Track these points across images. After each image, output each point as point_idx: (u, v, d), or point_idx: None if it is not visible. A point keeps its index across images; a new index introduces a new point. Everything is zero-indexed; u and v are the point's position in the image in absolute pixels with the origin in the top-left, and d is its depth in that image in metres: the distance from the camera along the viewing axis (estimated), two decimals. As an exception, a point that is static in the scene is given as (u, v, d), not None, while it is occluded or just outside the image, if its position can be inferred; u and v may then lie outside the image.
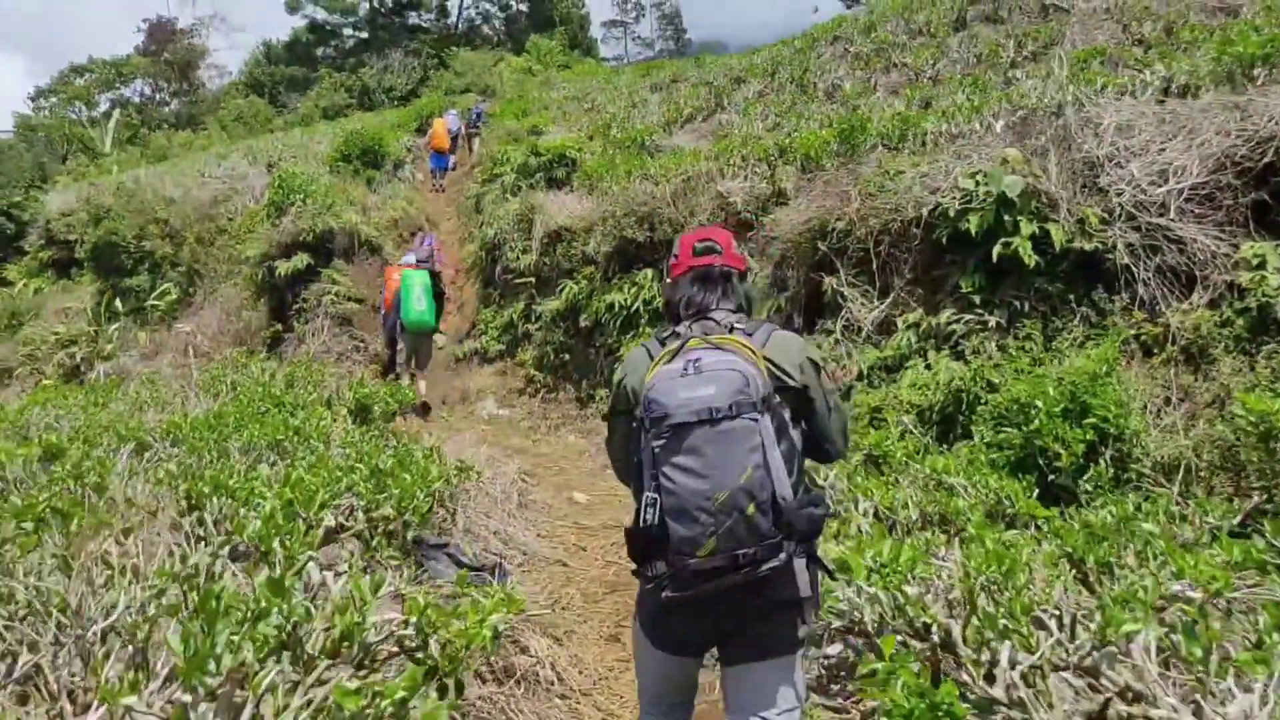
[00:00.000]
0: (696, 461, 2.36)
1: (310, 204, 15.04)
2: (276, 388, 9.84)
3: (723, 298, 2.73)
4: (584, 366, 11.17)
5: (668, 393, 2.40)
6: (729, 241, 2.85)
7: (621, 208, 10.79)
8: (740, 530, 2.35)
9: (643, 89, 21.24)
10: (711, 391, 2.38)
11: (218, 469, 4.89)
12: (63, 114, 48.69)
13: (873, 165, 8.50)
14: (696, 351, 2.48)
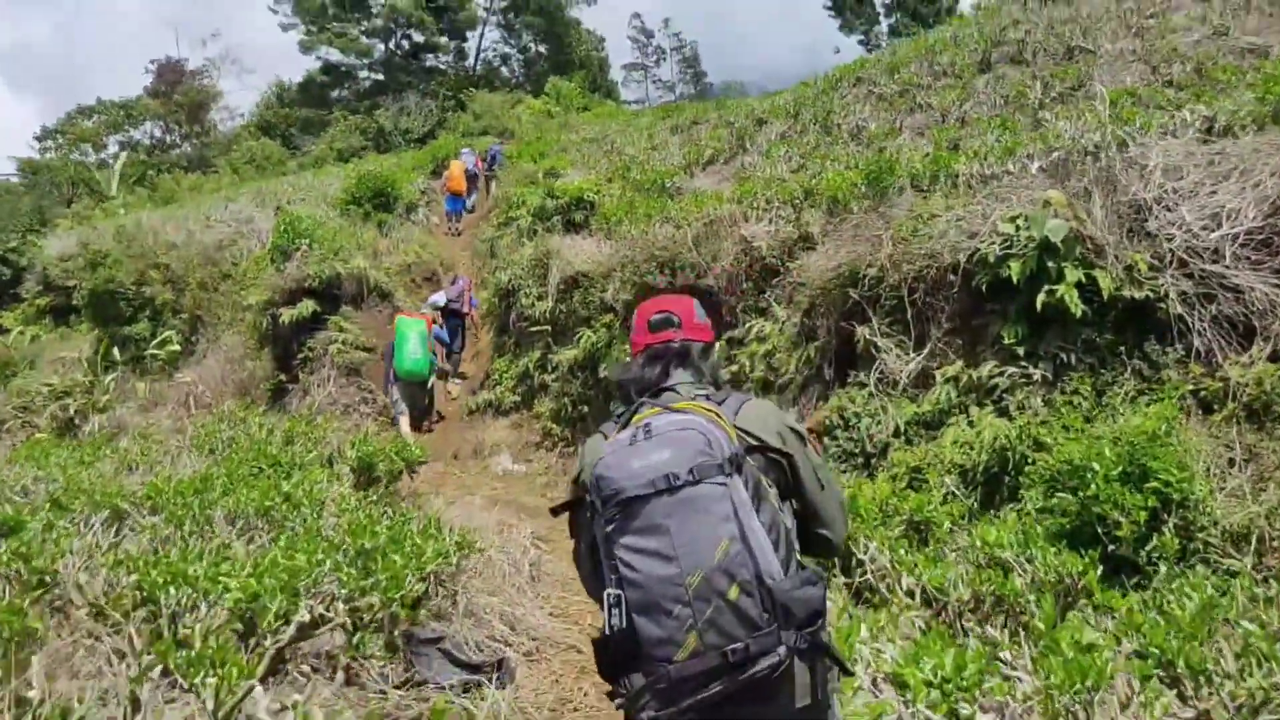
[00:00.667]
0: (658, 541, 2.08)
1: (316, 248, 15.00)
2: (274, 445, 9.71)
3: (681, 370, 2.52)
4: (603, 419, 10.92)
5: (617, 465, 2.16)
6: (690, 311, 2.64)
7: (641, 252, 10.67)
8: (725, 619, 2.03)
9: (663, 131, 21.25)
10: (666, 456, 2.13)
11: (182, 551, 4.66)
12: (69, 156, 49.25)
13: (904, 208, 8.34)
14: (648, 418, 2.25)
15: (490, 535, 7.01)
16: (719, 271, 10.01)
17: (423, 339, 11.84)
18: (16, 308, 25.89)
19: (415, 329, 11.81)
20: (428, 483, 10.38)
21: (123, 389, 18.29)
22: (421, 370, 11.69)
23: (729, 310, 10.00)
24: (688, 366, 2.52)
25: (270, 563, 4.44)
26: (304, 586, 4.31)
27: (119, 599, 4.24)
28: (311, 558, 4.50)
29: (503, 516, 8.00)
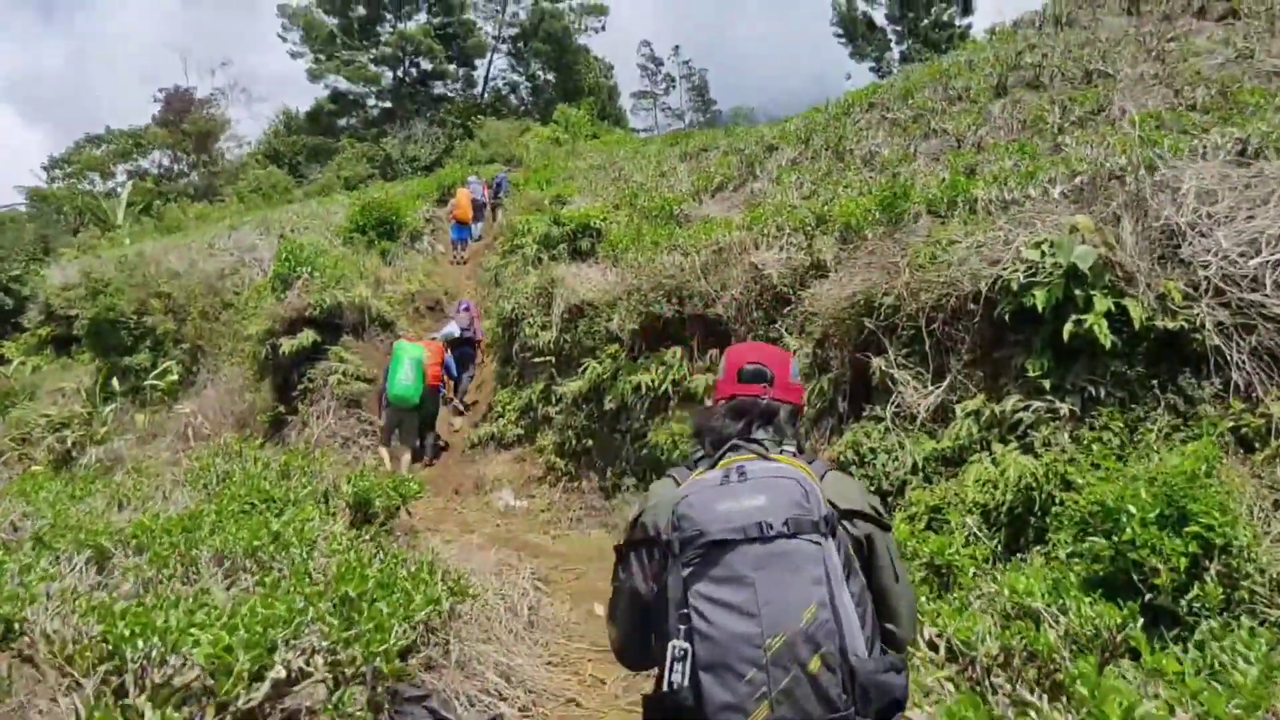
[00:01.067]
0: (740, 594, 1.89)
1: (318, 277, 14.79)
2: (268, 480, 9.43)
3: (764, 430, 2.32)
4: (608, 453, 10.70)
5: (702, 506, 1.98)
6: (786, 368, 2.46)
7: (648, 281, 10.41)
8: (802, 692, 1.83)
9: (671, 158, 21.06)
10: (761, 502, 1.96)
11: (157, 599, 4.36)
12: (76, 185, 49.39)
13: (921, 235, 8.06)
14: (741, 461, 2.10)
15: (488, 577, 6.73)
16: (728, 300, 9.74)
17: (418, 365, 11.59)
18: (19, 337, 25.72)
19: (411, 354, 11.59)
20: (427, 519, 10.11)
21: (121, 420, 18.11)
22: (411, 397, 11.46)
23: (738, 340, 9.72)
24: (773, 427, 2.34)
25: (249, 611, 4.15)
26: (283, 638, 4.01)
27: (84, 650, 3.95)
28: (292, 606, 4.21)
29: (502, 556, 7.72)
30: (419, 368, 11.56)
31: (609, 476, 10.55)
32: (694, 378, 9.81)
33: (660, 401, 10.04)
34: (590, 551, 8.89)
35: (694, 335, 10.06)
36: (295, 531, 6.80)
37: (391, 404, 11.64)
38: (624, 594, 2.27)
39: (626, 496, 10.13)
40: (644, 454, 10.01)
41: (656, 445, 9.74)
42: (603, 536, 9.45)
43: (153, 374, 18.81)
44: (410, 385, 11.43)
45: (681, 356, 10.00)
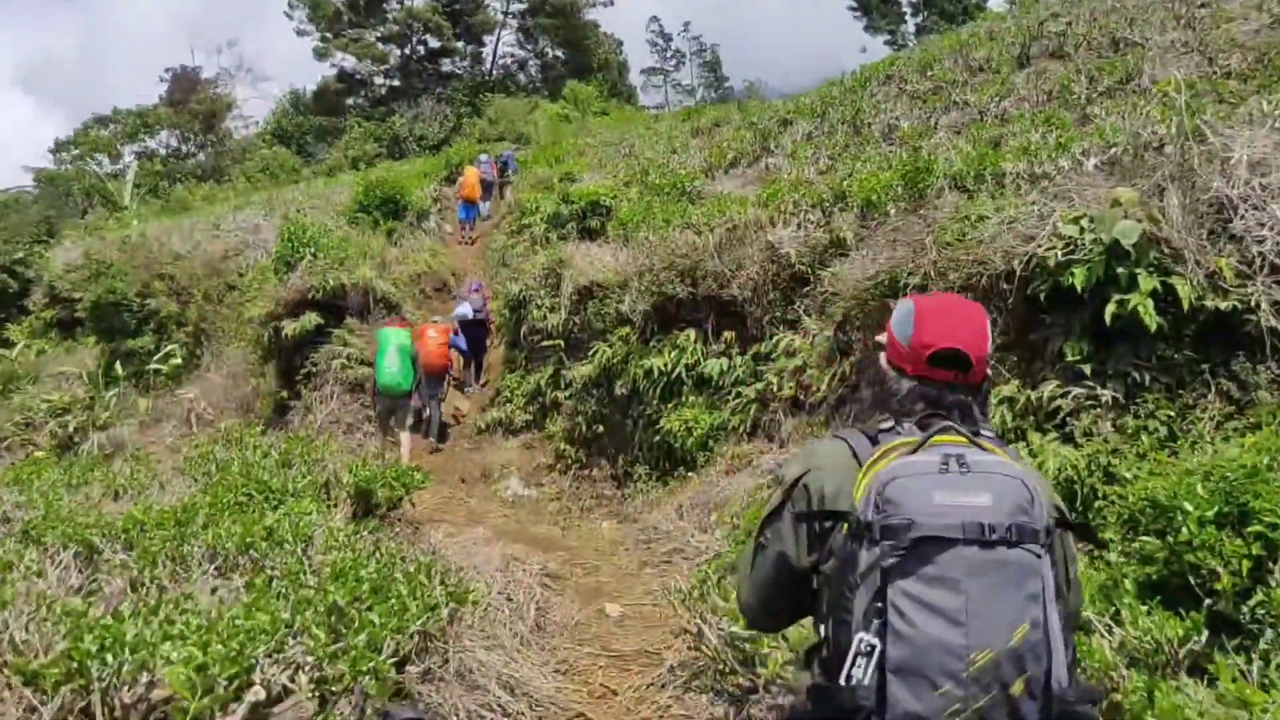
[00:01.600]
0: (951, 598, 1.68)
1: (321, 258, 14.45)
2: (267, 469, 9.13)
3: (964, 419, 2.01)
4: (620, 440, 10.34)
5: (916, 492, 1.73)
6: (985, 343, 2.05)
7: (660, 260, 10.02)
8: (997, 716, 1.66)
9: (683, 134, 20.63)
10: (985, 501, 1.72)
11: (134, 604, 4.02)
12: (84, 167, 49.07)
13: (948, 210, 7.65)
14: (955, 446, 1.82)
15: (493, 575, 6.39)
16: (744, 280, 9.36)
17: (403, 351, 11.21)
18: (23, 320, 25.47)
19: (395, 340, 11.22)
20: (431, 509, 9.79)
21: (124, 405, 17.83)
22: (400, 384, 11.12)
23: (755, 322, 9.35)
24: (976, 417, 2.04)
25: (228, 624, 3.82)
26: (264, 652, 3.68)
27: (50, 665, 3.62)
28: (276, 616, 3.87)
29: (509, 550, 7.37)
30: (404, 354, 11.21)
31: (620, 464, 10.21)
32: (708, 361, 9.44)
33: (673, 386, 9.68)
34: (601, 544, 8.55)
35: (708, 317, 9.68)
36: (291, 526, 6.49)
37: (381, 393, 11.28)
38: (769, 558, 2.07)
39: (639, 485, 9.79)
40: (656, 441, 9.66)
41: (670, 432, 9.39)
42: (614, 528, 9.11)
43: (155, 358, 18.53)
44: (397, 372, 11.07)
45: (695, 339, 9.62)
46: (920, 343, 2.02)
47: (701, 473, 9.03)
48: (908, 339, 2.05)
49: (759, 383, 8.92)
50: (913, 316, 2.07)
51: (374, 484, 8.57)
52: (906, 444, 1.86)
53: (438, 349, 12.20)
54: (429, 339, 12.23)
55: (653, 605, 6.57)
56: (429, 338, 12.25)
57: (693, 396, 9.53)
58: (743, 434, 8.92)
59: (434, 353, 12.13)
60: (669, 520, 8.42)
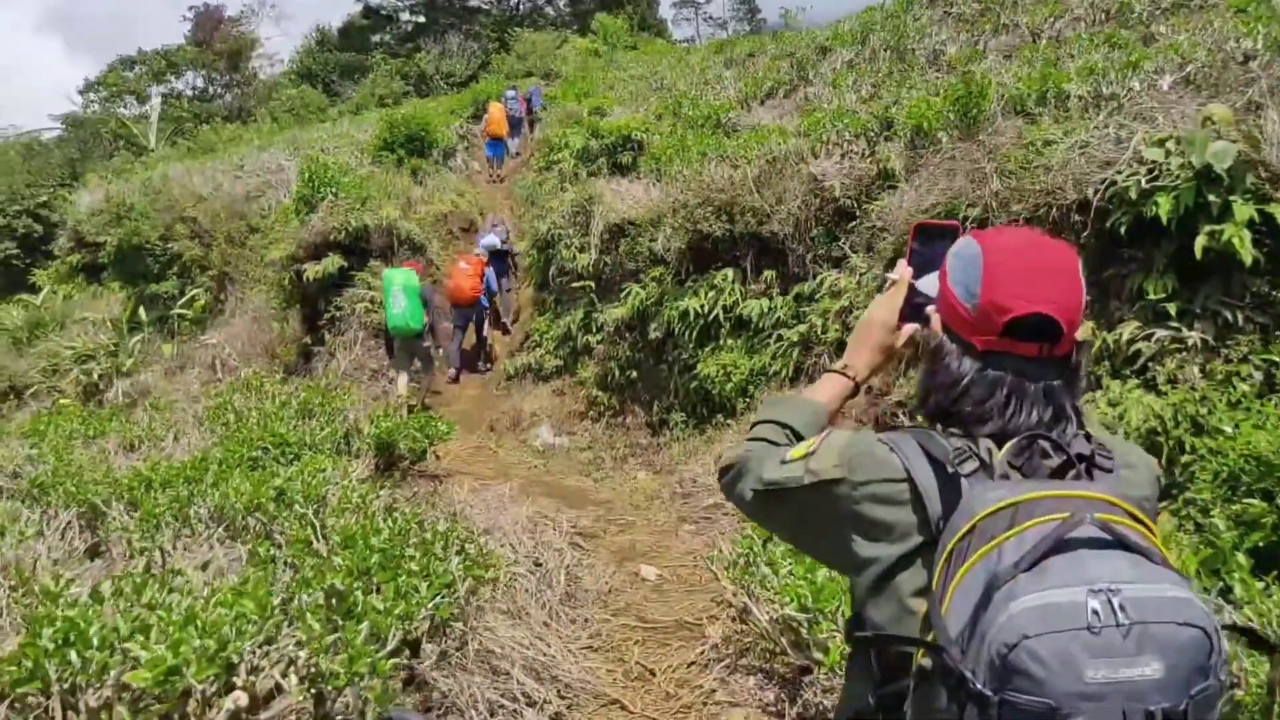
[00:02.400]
0: None
1: (343, 198, 13.97)
2: (285, 419, 8.77)
3: (1063, 407, 1.46)
4: (655, 386, 9.86)
5: (1062, 660, 1.13)
6: (1079, 294, 1.47)
7: (695, 196, 9.43)
8: None
9: (716, 65, 19.84)
10: (1156, 672, 1.13)
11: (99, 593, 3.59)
12: (111, 109, 48.73)
13: (1010, 136, 7.03)
14: (1100, 564, 1.20)
15: (519, 537, 5.97)
16: (784, 215, 8.78)
17: (410, 291, 10.83)
18: (49, 265, 25.27)
19: (399, 280, 10.84)
20: (459, 460, 9.43)
21: (149, 351, 17.59)
22: (410, 325, 10.78)
23: (797, 261, 8.80)
24: (1069, 406, 1.47)
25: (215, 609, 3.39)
26: (251, 647, 3.25)
27: (7, 663, 3.21)
28: (267, 601, 3.43)
29: (537, 508, 6.94)
30: (411, 294, 10.81)
31: (655, 411, 9.73)
32: (747, 302, 8.92)
33: (710, 329, 9.16)
34: (636, 498, 8.12)
35: (746, 255, 9.12)
36: (302, 486, 6.11)
37: (392, 335, 11.11)
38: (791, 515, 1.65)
39: (675, 433, 9.33)
40: (693, 387, 9.17)
41: (707, 377, 8.90)
42: (649, 479, 8.67)
43: (179, 303, 18.22)
44: (405, 313, 10.76)
45: (733, 279, 9.08)
46: (993, 303, 1.42)
47: (741, 420, 8.55)
48: (974, 297, 1.45)
49: (802, 325, 8.40)
50: (980, 264, 1.47)
51: (396, 436, 8.19)
52: (1010, 506, 1.27)
53: (469, 280, 12.13)
54: (460, 270, 12.28)
55: (692, 567, 6.14)
56: (460, 269, 12.32)
57: (731, 340, 9.02)
58: (785, 379, 8.42)
59: (464, 284, 12.11)
60: (708, 471, 7.96)
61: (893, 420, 6.71)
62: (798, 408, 1.83)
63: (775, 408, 1.86)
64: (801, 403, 1.84)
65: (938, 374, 1.51)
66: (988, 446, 1.41)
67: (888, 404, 6.82)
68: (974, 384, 1.45)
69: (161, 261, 19.43)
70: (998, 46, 12.17)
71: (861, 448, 1.51)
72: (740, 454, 1.74)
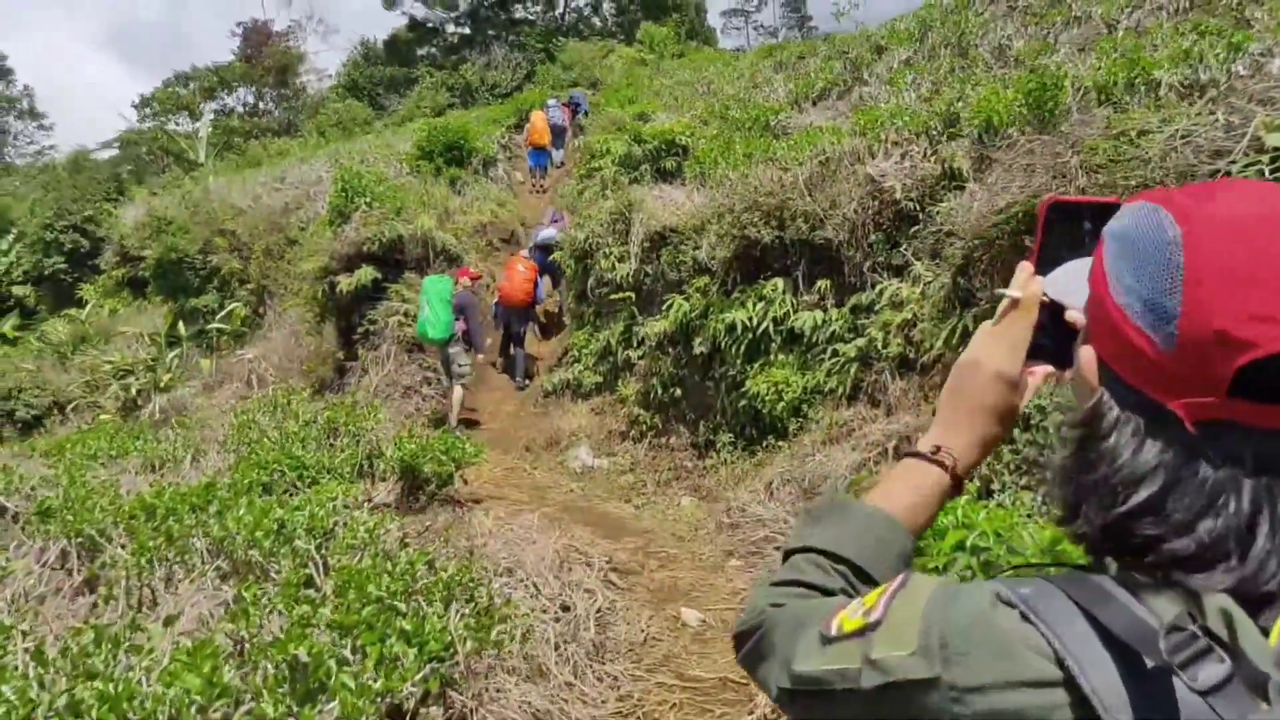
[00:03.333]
0: None
1: (377, 208, 13.47)
2: (309, 439, 8.26)
3: None
4: (700, 404, 9.20)
5: None
6: None
7: (742, 200, 8.77)
8: None
9: (766, 69, 19.18)
10: None
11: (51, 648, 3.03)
12: (163, 125, 49.20)
13: (1097, 127, 6.28)
14: None
15: (546, 576, 5.32)
16: (839, 220, 8.09)
17: (443, 301, 10.77)
18: (95, 279, 25.17)
19: (433, 289, 10.82)
20: (492, 482, 8.83)
21: (187, 366, 17.28)
22: (439, 335, 10.74)
23: (853, 269, 8.10)
24: None
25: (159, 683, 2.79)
26: None
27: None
28: (215, 678, 2.81)
29: (571, 538, 6.30)
30: (441, 303, 10.74)
31: (701, 431, 9.07)
32: (799, 314, 8.23)
33: (759, 343, 8.49)
34: (679, 527, 7.46)
35: (798, 264, 8.44)
36: (308, 517, 5.55)
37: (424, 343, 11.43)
38: None
39: (722, 455, 8.66)
40: (741, 405, 8.50)
41: (756, 395, 8.22)
42: (694, 506, 8.01)
43: (218, 317, 17.89)
44: (425, 320, 10.76)
45: (784, 289, 8.41)
46: (1211, 333, 0.75)
47: (793, 442, 7.87)
48: (1167, 322, 0.79)
49: (859, 339, 7.70)
50: (1180, 257, 0.79)
51: (420, 459, 7.60)
52: None
53: (521, 284, 12.10)
54: (516, 272, 12.21)
55: (737, 608, 5.46)
56: (516, 271, 12.24)
57: (782, 355, 8.34)
58: (841, 398, 7.73)
59: (517, 286, 12.08)
60: (757, 499, 7.30)
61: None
62: (855, 524, 1.10)
63: (818, 524, 1.13)
64: (863, 515, 1.11)
65: (1098, 464, 0.84)
66: (1224, 612, 0.74)
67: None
68: (1176, 488, 0.79)
69: (201, 275, 19.17)
70: (1070, 40, 11.40)
71: (968, 615, 0.82)
72: (758, 613, 1.05)
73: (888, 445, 6.71)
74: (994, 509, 4.52)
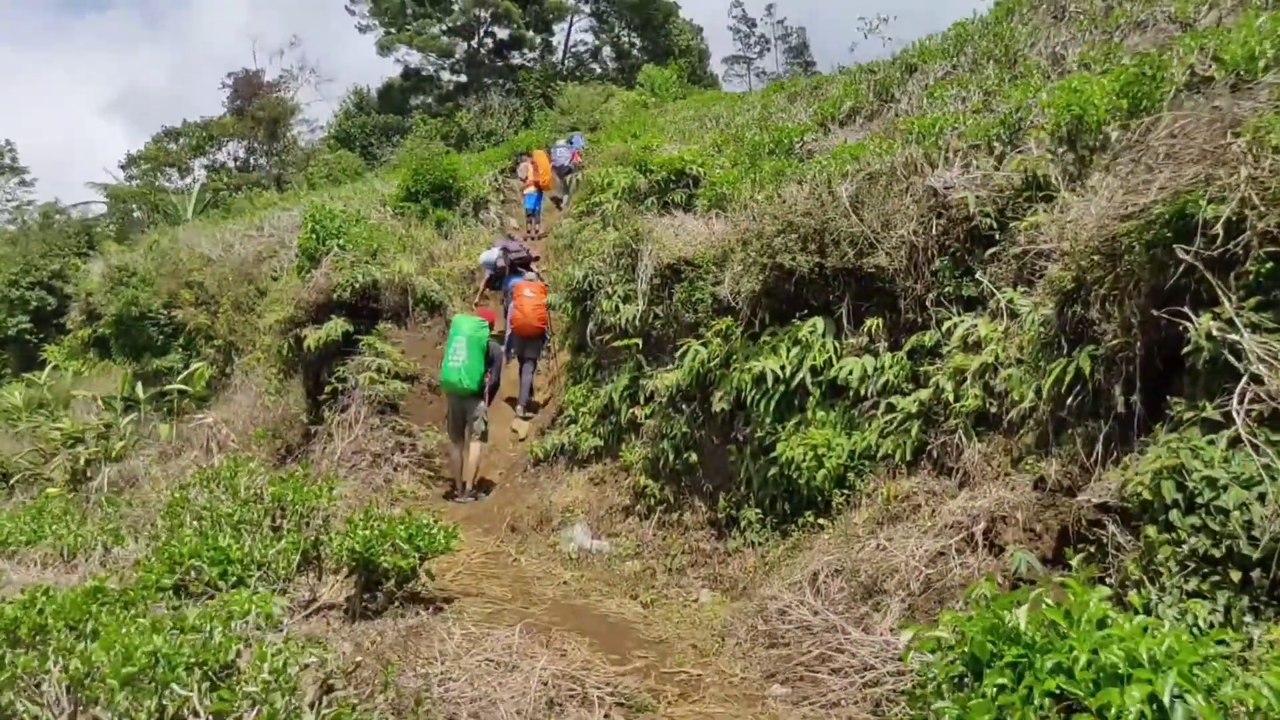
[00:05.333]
0: None
1: (350, 249, 12.06)
2: (244, 522, 6.77)
3: None
4: (721, 472, 7.67)
5: None
6: None
7: (772, 223, 7.31)
8: None
9: (778, 101, 17.90)
10: None
11: None
12: (153, 181, 48.55)
13: (1268, 97, 4.80)
14: None
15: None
16: (894, 243, 6.64)
17: (475, 344, 9.83)
18: (62, 340, 23.85)
19: (466, 329, 9.90)
20: (469, 571, 7.29)
21: (144, 432, 15.82)
22: (461, 382, 9.71)
23: (912, 303, 6.63)
24: None
25: None
26: None
27: None
28: None
29: (562, 665, 4.77)
30: (475, 347, 9.80)
31: (721, 506, 7.52)
32: (844, 361, 6.75)
33: (793, 397, 7.00)
34: (700, 635, 5.92)
35: (842, 298, 6.96)
36: (198, 649, 4.05)
37: (445, 390, 10.12)
38: None
39: (749, 535, 7.13)
40: (772, 474, 6.97)
41: (790, 461, 6.72)
42: (716, 603, 6.49)
43: (180, 377, 16.44)
44: (461, 366, 9.72)
45: (824, 330, 6.93)
46: None
47: (839, 521, 6.37)
48: None
49: (922, 390, 6.22)
50: None
51: (375, 549, 6.07)
52: None
53: (534, 309, 11.38)
54: (525, 297, 11.43)
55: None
56: (525, 296, 11.46)
57: (822, 411, 6.84)
58: (900, 464, 6.23)
59: (530, 312, 11.37)
60: (799, 597, 5.76)
61: (1091, 532, 4.46)
62: None
63: None
64: None
65: None
66: None
67: (1080, 505, 4.56)
68: None
69: (166, 332, 17.78)
70: (1139, 44, 10.06)
71: None
72: None
73: (973, 529, 5.18)
74: (1173, 633, 3.01)
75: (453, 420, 10.16)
